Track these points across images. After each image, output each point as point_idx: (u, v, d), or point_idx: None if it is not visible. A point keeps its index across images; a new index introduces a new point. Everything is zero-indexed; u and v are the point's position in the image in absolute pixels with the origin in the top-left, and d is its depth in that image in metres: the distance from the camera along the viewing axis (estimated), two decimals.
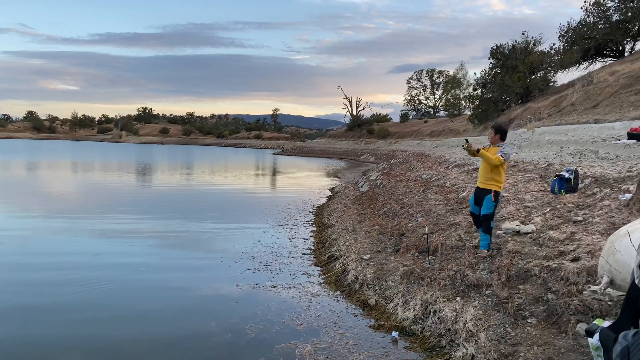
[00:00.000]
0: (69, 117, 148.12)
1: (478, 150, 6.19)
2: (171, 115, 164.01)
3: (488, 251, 6.31)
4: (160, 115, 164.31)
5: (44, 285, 7.14)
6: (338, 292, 7.02)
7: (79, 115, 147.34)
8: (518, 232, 6.91)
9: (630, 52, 29.81)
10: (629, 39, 30.19)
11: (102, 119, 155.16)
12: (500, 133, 6.35)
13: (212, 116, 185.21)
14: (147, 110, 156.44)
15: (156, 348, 5.21)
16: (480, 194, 6.40)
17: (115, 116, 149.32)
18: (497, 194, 6.28)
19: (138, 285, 7.36)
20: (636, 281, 1.18)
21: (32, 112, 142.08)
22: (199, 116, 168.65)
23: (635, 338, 1.14)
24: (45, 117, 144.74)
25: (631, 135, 12.52)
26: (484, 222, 6.33)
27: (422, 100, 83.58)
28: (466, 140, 6.54)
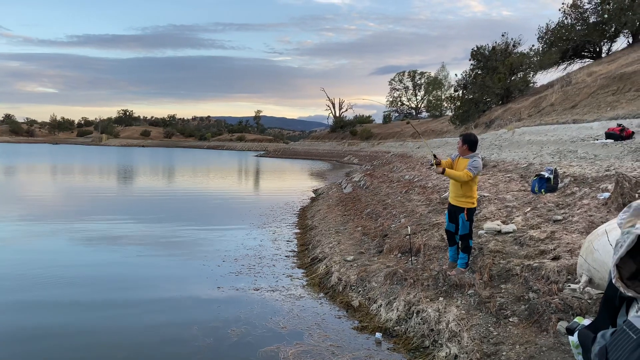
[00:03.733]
0: (47, 120, 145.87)
1: (444, 171, 5.76)
2: (152, 117, 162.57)
3: (465, 269, 5.99)
4: (141, 117, 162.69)
5: (18, 291, 6.99)
6: (321, 294, 6.99)
7: (58, 118, 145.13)
8: (499, 232, 6.96)
9: (607, 53, 30.35)
10: (605, 40, 30.74)
11: (82, 122, 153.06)
12: (469, 144, 5.88)
13: (194, 118, 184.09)
14: (127, 113, 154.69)
15: (136, 354, 5.13)
16: (453, 211, 6.04)
17: (95, 119, 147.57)
18: (470, 211, 5.89)
19: (117, 290, 7.24)
20: (613, 280, 1.18)
21: (9, 115, 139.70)
22: (180, 118, 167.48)
23: (613, 337, 1.14)
24: (23, 120, 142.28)
25: (609, 135, 12.72)
26: (462, 242, 6.01)
27: (404, 102, 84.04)
28: (434, 156, 6.00)
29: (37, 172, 31.32)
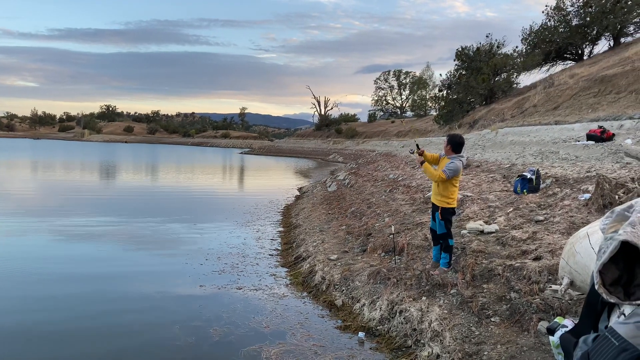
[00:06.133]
0: (28, 114, 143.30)
1: (422, 163, 5.88)
2: (136, 113, 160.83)
3: (448, 269, 6.00)
4: (125, 113, 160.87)
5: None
6: (305, 294, 6.98)
7: (39, 112, 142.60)
8: (482, 232, 7.01)
9: (589, 56, 30.80)
10: (587, 42, 31.20)
11: (64, 117, 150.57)
12: (452, 144, 5.91)
13: (178, 114, 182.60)
14: (110, 108, 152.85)
15: (116, 353, 5.06)
16: (433, 209, 6.10)
17: (78, 114, 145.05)
18: (445, 211, 5.89)
19: (97, 288, 7.14)
20: (596, 286, 1.18)
21: None
22: (164, 114, 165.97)
23: (595, 343, 1.14)
24: (3, 115, 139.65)
25: (590, 136, 12.90)
26: (442, 242, 6.06)
27: (389, 101, 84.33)
28: (417, 145, 6.09)
29: (18, 167, 30.77)
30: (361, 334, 5.35)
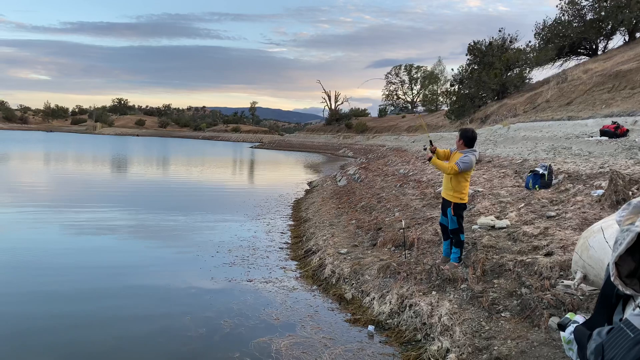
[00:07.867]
0: (41, 107, 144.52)
1: (431, 158, 5.89)
2: (147, 106, 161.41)
3: (458, 264, 5.97)
4: (136, 106, 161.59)
5: (4, 280, 6.95)
6: (315, 287, 7.00)
7: (52, 105, 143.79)
8: (493, 227, 6.98)
9: (603, 51, 30.38)
10: (602, 37, 30.76)
11: (76, 110, 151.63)
12: (464, 139, 5.89)
13: (189, 108, 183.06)
14: (122, 102, 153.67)
15: (128, 344, 5.12)
16: (444, 204, 6.10)
17: (90, 107, 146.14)
18: (457, 206, 5.86)
19: (110, 279, 7.22)
20: (612, 278, 1.17)
21: (2, 101, 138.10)
22: (175, 108, 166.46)
23: (610, 335, 1.14)
24: (16, 107, 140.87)
25: (603, 132, 12.75)
26: (453, 237, 6.02)
27: (400, 96, 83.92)
28: (430, 142, 6.16)
29: (33, 160, 31.08)
30: (371, 328, 5.36)
